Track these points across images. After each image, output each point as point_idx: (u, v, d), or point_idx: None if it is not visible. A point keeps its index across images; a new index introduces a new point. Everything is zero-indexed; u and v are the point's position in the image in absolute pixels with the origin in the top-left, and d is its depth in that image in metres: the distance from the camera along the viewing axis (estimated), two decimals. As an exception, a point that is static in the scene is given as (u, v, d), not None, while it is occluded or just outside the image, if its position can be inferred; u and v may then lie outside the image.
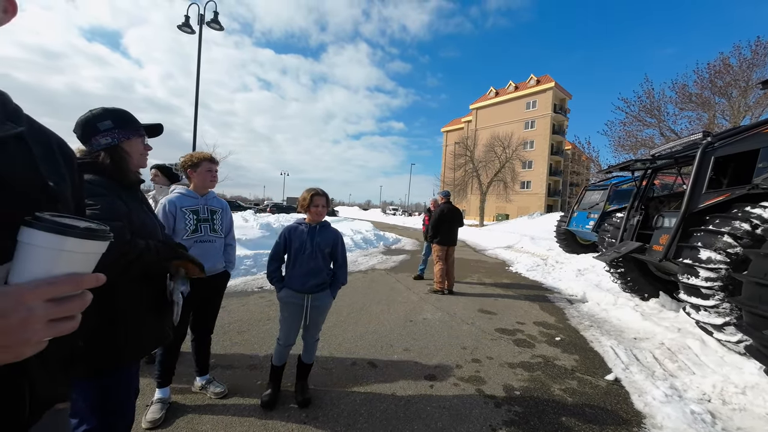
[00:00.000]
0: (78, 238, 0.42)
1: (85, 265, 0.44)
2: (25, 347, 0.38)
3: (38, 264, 0.40)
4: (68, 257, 0.42)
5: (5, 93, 0.56)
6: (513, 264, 8.69)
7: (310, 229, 2.22)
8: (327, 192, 2.28)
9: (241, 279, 5.37)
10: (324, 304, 2.25)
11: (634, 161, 5.10)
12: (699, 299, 3.11)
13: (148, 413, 1.93)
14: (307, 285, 2.16)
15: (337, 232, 2.33)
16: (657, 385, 2.55)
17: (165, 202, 2.07)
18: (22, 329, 0.37)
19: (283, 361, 2.27)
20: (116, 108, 1.22)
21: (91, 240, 0.43)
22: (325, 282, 2.24)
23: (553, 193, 43.90)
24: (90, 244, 0.43)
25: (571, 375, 2.79)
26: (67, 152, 0.65)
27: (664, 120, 13.03)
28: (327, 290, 2.26)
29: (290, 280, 2.19)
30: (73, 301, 0.42)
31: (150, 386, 2.21)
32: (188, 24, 9.43)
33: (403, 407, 2.23)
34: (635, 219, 4.80)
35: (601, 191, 9.19)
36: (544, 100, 42.49)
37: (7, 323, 0.36)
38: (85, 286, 0.43)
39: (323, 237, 2.23)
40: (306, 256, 2.17)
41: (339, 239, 2.31)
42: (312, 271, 2.17)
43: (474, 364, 2.92)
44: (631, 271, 4.92)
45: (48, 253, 0.41)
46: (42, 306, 0.38)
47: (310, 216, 2.22)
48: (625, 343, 3.43)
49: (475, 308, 4.60)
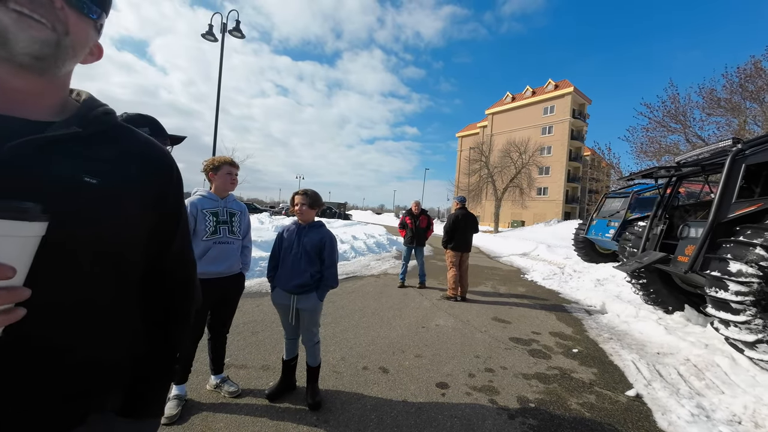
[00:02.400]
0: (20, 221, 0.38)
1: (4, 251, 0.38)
2: None
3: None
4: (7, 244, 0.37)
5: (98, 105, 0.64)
6: (528, 272, 8.50)
7: (299, 229, 2.27)
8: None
9: (256, 280, 5.47)
10: (309, 306, 2.21)
11: (658, 168, 4.92)
12: (728, 314, 2.95)
13: (165, 409, 1.98)
14: (290, 285, 2.19)
15: (326, 234, 2.28)
16: (682, 404, 2.43)
17: (187, 204, 2.15)
18: None
19: (291, 354, 2.33)
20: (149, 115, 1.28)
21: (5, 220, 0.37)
22: (308, 284, 2.19)
23: (571, 200, 42.77)
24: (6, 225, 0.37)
25: (589, 389, 2.69)
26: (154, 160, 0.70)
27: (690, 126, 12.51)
28: (313, 293, 2.21)
29: (278, 279, 2.25)
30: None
31: (167, 383, 2.27)
32: (212, 32, 9.80)
33: (414, 414, 2.20)
34: (659, 228, 4.62)
35: (622, 199, 8.89)
36: (562, 105, 41.65)
37: None
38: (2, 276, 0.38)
39: (310, 237, 2.22)
40: (291, 256, 2.21)
41: (327, 240, 2.25)
42: (295, 271, 2.19)
43: (487, 373, 2.86)
44: (654, 283, 4.72)
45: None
46: None
47: (300, 216, 2.26)
48: (648, 358, 3.29)
49: (489, 316, 4.51)
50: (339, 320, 3.95)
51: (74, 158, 0.55)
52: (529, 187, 28.34)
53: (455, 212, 5.63)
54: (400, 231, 6.47)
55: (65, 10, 0.52)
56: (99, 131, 0.60)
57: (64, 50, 0.54)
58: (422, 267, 6.24)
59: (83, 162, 0.56)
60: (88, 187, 0.54)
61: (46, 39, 0.51)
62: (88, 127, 0.58)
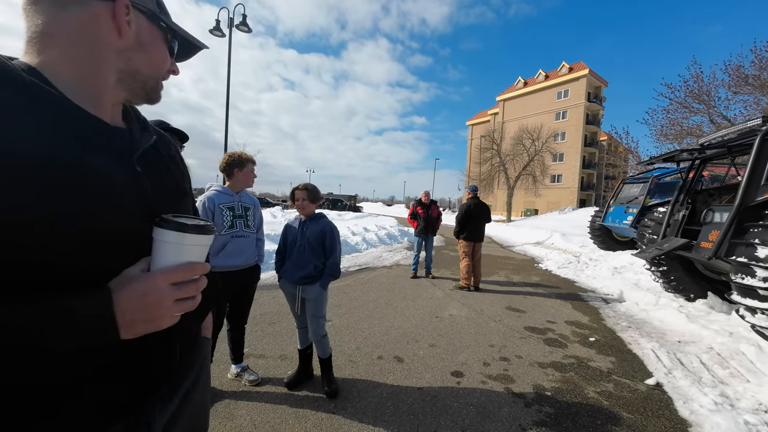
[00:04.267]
0: (194, 233, 0.52)
1: (198, 255, 0.54)
2: (162, 320, 0.50)
3: (167, 255, 0.51)
4: (187, 250, 0.52)
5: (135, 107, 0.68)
6: (543, 261, 8.38)
7: (301, 223, 2.33)
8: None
9: (271, 273, 5.57)
10: (313, 296, 2.27)
11: (680, 151, 4.72)
12: (756, 301, 2.84)
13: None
14: (295, 276, 2.26)
15: (327, 224, 2.32)
16: (705, 392, 2.37)
17: (204, 199, 2.19)
18: (158, 305, 0.48)
19: (305, 343, 2.41)
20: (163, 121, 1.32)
21: (202, 235, 0.53)
22: (312, 275, 2.25)
23: (587, 186, 41.63)
24: (201, 238, 0.54)
25: (607, 377, 2.66)
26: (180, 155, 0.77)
27: (715, 106, 11.86)
28: (316, 282, 2.26)
29: (284, 272, 2.34)
30: (191, 284, 0.53)
31: (191, 371, 2.36)
32: (219, 28, 9.81)
33: (430, 402, 2.23)
34: (680, 213, 4.45)
35: (640, 184, 8.59)
36: (576, 88, 40.19)
37: (147, 300, 0.48)
38: (199, 272, 0.54)
39: (312, 230, 2.28)
40: (296, 249, 2.28)
41: (328, 231, 2.29)
42: (300, 263, 2.26)
43: (502, 362, 2.86)
44: (675, 270, 4.57)
45: (173, 247, 0.51)
46: (168, 288, 0.50)
47: (300, 210, 2.30)
48: (668, 346, 3.21)
49: (503, 305, 4.49)
50: (353, 311, 4.00)
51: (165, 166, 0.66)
52: (542, 175, 27.67)
53: (467, 202, 5.57)
54: (411, 222, 6.38)
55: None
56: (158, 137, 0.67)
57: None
58: (430, 257, 6.24)
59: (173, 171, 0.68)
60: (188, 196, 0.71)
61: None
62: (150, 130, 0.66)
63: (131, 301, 0.46)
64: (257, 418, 1.99)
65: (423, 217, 6.12)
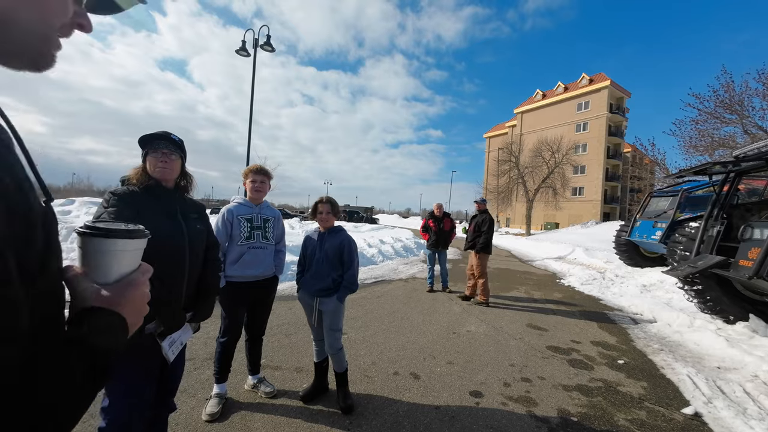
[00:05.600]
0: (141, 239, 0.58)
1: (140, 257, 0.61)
2: (144, 313, 0.58)
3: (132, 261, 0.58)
4: (138, 254, 0.59)
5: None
6: (565, 276, 8.06)
7: (320, 235, 2.34)
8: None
9: (289, 284, 5.63)
10: (330, 308, 2.25)
11: (712, 164, 4.50)
12: (805, 326, 2.61)
13: (207, 407, 2.09)
14: (313, 288, 2.27)
15: (346, 237, 2.31)
16: (751, 426, 2.17)
17: (224, 211, 2.26)
18: (143, 301, 0.57)
19: (321, 357, 2.40)
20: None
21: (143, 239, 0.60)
22: (329, 288, 2.26)
23: (611, 200, 40.11)
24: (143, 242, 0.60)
25: (638, 404, 2.48)
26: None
27: (749, 116, 11.29)
28: (333, 295, 2.26)
29: (303, 283, 2.35)
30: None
31: (209, 381, 2.39)
32: (245, 48, 10.34)
33: (448, 423, 2.15)
34: (715, 229, 4.21)
35: (669, 198, 8.20)
36: (598, 100, 39.35)
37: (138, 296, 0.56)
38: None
39: (331, 243, 2.29)
40: (315, 261, 2.29)
41: (346, 244, 2.29)
42: (318, 275, 2.27)
43: (524, 383, 2.73)
44: (712, 289, 4.28)
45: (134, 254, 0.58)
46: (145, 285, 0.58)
47: (318, 223, 2.33)
48: (706, 372, 2.98)
49: (524, 323, 4.32)
50: (369, 324, 3.96)
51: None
52: (563, 188, 26.93)
53: (488, 214, 5.47)
54: (423, 234, 6.29)
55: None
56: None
57: None
58: (445, 270, 6.13)
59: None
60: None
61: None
62: None
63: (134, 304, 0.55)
64: (272, 431, 1.98)
65: (434, 231, 6.04)
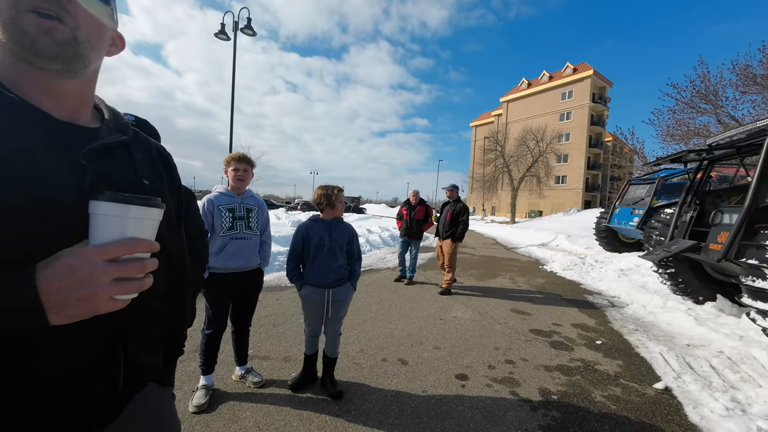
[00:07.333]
0: (136, 205, 0.48)
1: (143, 231, 0.50)
2: (97, 300, 0.45)
3: (105, 231, 0.47)
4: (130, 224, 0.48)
5: (118, 111, 0.68)
6: (548, 263, 8.31)
7: (328, 225, 2.28)
8: (347, 189, 2.32)
9: (275, 274, 5.59)
10: (346, 297, 2.33)
11: (687, 152, 4.67)
12: (767, 304, 2.79)
13: (194, 398, 2.07)
14: (328, 280, 2.24)
15: (352, 228, 2.39)
16: (716, 397, 2.33)
17: (204, 201, 2.19)
18: (89, 283, 0.44)
19: (314, 350, 2.40)
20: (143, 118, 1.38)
21: (145, 207, 0.49)
22: (345, 276, 2.31)
23: (592, 188, 41.29)
24: (145, 211, 0.49)
25: (614, 381, 2.62)
26: (165, 158, 0.75)
27: (722, 106, 11.73)
28: (347, 284, 2.32)
29: (311, 277, 2.25)
30: (134, 263, 0.48)
31: (195, 373, 2.36)
32: (224, 31, 9.90)
33: (435, 405, 2.21)
34: (688, 215, 4.40)
35: (647, 185, 8.51)
36: (581, 89, 39.96)
37: (77, 278, 0.43)
38: (138, 250, 0.49)
39: (339, 233, 2.29)
40: (325, 252, 2.24)
41: (354, 234, 2.39)
42: (331, 266, 2.24)
43: (507, 365, 2.83)
44: (684, 272, 4.51)
45: (113, 221, 0.47)
46: (103, 264, 0.45)
47: (334, 212, 2.28)
48: (677, 350, 3.16)
49: (508, 308, 4.45)
50: (357, 312, 3.99)
51: (128, 163, 0.63)
52: (546, 176, 27.53)
53: (462, 201, 5.33)
54: (398, 223, 5.99)
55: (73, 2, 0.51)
56: (133, 137, 0.66)
57: (83, 45, 0.54)
58: (414, 262, 5.76)
59: (137, 166, 0.64)
60: (146, 190, 0.62)
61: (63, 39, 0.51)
62: (126, 133, 0.64)
63: (59, 279, 0.42)
64: (261, 420, 1.99)
65: (405, 220, 5.72)
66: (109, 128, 0.62)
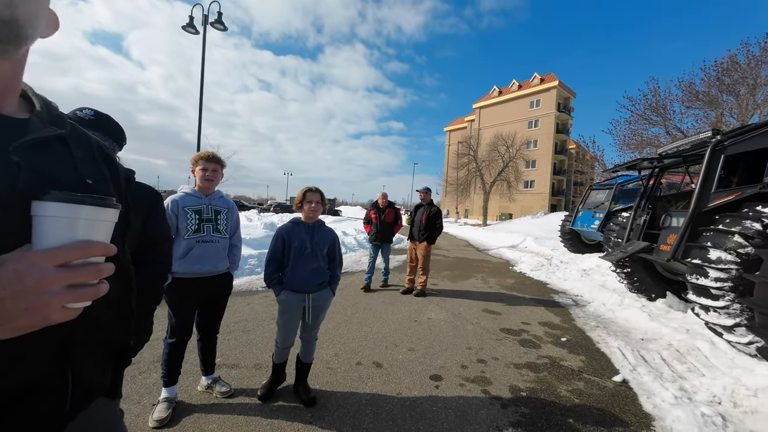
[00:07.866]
0: (90, 206, 0.44)
1: (97, 234, 0.46)
2: (47, 309, 0.41)
3: (53, 234, 0.43)
4: (81, 225, 0.44)
5: (51, 102, 0.61)
6: (517, 264, 8.65)
7: (309, 228, 2.23)
8: (323, 191, 2.27)
9: (246, 278, 5.38)
10: (325, 302, 2.29)
11: (641, 160, 5.05)
12: (708, 300, 3.07)
13: (154, 412, 1.93)
14: (310, 285, 2.18)
15: (334, 232, 2.36)
16: (666, 387, 2.52)
17: (168, 202, 2.06)
18: (38, 291, 0.39)
19: (284, 359, 2.32)
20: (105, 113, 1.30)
21: (97, 207, 0.45)
22: (325, 280, 2.27)
23: (557, 192, 43.61)
24: (97, 212, 0.45)
25: (578, 376, 2.76)
26: (107, 156, 0.68)
27: (670, 118, 12.86)
28: (327, 288, 2.28)
29: (291, 281, 2.16)
30: (88, 267, 0.44)
31: (156, 386, 2.21)
32: (192, 24, 9.46)
33: (409, 407, 2.21)
34: (642, 218, 4.75)
35: (606, 190, 9.11)
36: (548, 98, 42.21)
37: (23, 286, 0.39)
38: (93, 253, 0.45)
39: (321, 236, 2.25)
40: (307, 256, 2.17)
41: (336, 238, 2.36)
42: (314, 270, 2.19)
43: (479, 364, 2.90)
44: (638, 271, 4.87)
45: (61, 223, 0.43)
46: (53, 270, 0.41)
47: (304, 214, 2.22)
48: (633, 344, 3.39)
49: (480, 308, 4.57)
50: (331, 316, 3.93)
51: (67, 160, 0.56)
52: (516, 181, 28.76)
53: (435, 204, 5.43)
54: (366, 227, 5.74)
55: None
56: (71, 132, 0.60)
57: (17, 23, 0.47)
58: (387, 264, 5.70)
59: (78, 163, 0.57)
60: (90, 189, 0.56)
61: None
62: (62, 126, 0.58)
63: (3, 287, 0.38)
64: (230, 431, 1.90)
65: (374, 223, 5.49)
66: (42, 120, 0.55)
